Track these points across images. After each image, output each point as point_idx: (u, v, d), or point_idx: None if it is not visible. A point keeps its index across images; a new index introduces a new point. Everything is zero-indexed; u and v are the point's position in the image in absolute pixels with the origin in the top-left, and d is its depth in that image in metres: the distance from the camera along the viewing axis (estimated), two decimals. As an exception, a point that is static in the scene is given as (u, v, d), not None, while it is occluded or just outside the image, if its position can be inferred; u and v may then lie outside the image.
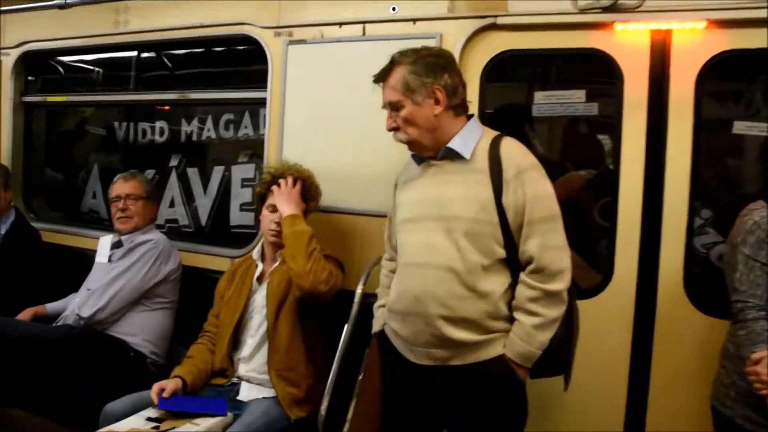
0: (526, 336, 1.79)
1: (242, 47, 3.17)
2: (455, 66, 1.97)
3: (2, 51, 3.65)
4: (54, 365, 2.52)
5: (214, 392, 2.41)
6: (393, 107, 1.92)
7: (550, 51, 2.48)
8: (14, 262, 3.15)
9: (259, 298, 2.49)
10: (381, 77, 1.94)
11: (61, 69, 3.81)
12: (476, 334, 1.83)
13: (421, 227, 1.91)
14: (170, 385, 2.28)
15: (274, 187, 2.50)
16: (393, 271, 2.07)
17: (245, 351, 2.46)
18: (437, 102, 1.88)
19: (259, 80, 2.98)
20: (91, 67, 3.73)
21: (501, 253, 1.83)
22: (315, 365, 2.43)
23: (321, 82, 2.78)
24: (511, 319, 1.84)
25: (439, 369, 1.88)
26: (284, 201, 2.44)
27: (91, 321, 2.70)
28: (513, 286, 1.85)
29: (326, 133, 2.78)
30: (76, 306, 2.77)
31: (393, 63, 1.92)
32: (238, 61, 3.32)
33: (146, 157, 3.67)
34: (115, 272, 2.78)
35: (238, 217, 3.34)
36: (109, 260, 2.94)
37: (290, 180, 2.49)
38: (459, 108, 1.93)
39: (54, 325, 2.82)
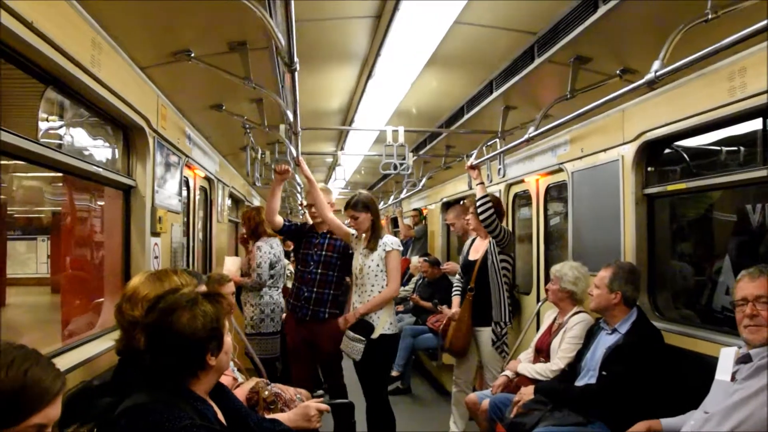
0: None
1: None
2: None
3: (622, 145, 3.66)
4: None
5: None
6: None
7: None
8: (635, 365, 2.97)
9: None
10: None
11: (679, 154, 3.53)
12: None
13: None
14: None
15: None
16: None
17: None
18: None
19: None
20: (711, 147, 3.29)
21: None
22: None
23: None
24: None
25: None
26: None
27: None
28: None
29: None
30: (690, 430, 2.31)
31: None
32: None
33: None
34: (739, 396, 2.20)
35: None
36: (733, 378, 2.36)
37: None
38: None
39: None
